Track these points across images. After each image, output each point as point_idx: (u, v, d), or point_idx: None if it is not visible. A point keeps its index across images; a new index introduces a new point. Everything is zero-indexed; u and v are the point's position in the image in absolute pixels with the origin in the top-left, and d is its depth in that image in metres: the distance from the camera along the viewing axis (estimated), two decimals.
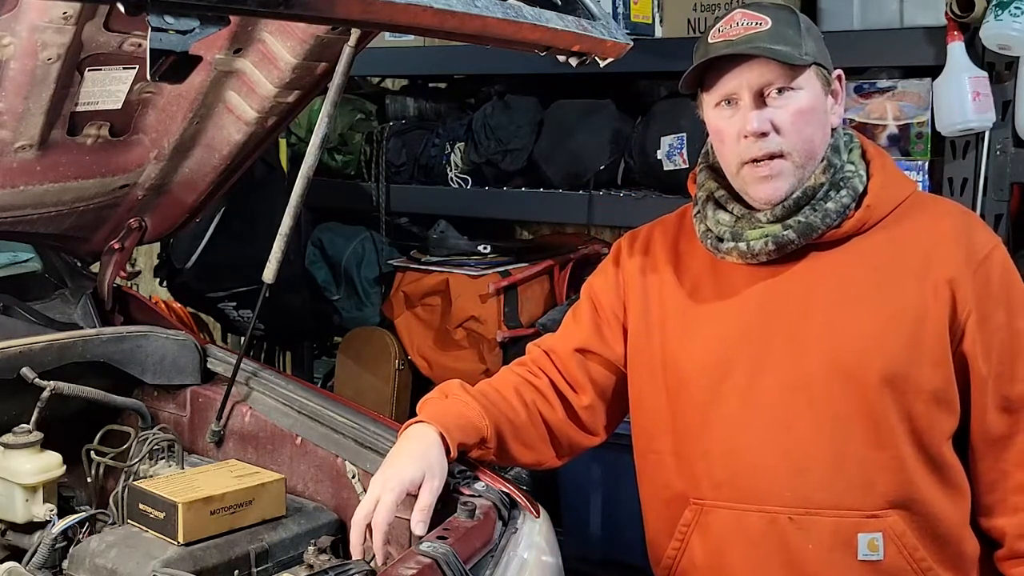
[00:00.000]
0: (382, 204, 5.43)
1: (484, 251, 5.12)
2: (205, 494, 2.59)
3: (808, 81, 2.53)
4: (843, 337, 2.51)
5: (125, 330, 3.25)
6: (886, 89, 4.12)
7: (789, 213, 2.55)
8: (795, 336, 2.55)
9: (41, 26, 2.50)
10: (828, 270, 2.57)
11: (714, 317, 2.65)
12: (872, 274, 2.54)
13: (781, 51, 2.48)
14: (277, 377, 3.22)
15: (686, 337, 2.68)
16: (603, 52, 2.44)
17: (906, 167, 4.01)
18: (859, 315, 2.51)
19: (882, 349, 2.48)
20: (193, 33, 1.60)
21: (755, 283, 2.61)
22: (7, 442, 2.77)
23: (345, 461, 2.92)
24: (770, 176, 2.55)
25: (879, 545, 2.50)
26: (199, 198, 3.39)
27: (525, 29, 2.15)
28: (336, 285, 5.48)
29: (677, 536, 2.71)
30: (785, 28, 2.52)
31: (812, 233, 2.54)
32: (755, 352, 2.58)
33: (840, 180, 2.56)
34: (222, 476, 2.76)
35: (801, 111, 2.52)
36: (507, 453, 2.76)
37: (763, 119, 2.51)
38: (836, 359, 2.50)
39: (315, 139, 2.96)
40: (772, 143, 2.52)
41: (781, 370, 2.54)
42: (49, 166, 2.96)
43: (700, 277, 2.71)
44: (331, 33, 2.84)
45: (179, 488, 2.63)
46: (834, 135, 2.61)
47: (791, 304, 2.57)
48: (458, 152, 5.19)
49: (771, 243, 2.55)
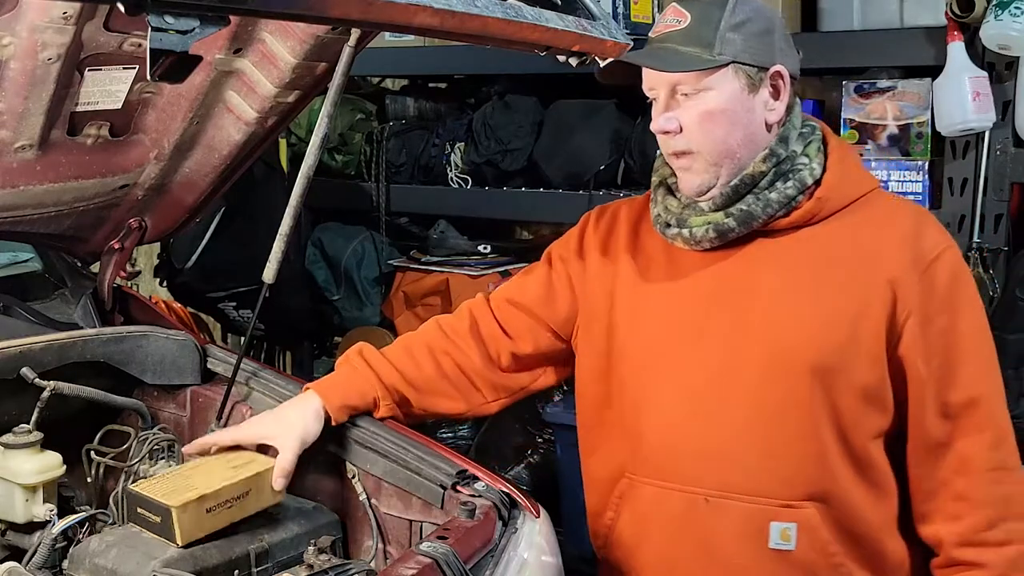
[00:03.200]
0: (382, 204, 5.43)
1: (484, 251, 5.13)
2: (199, 493, 2.57)
3: (721, 81, 2.54)
4: (781, 327, 2.53)
5: (125, 330, 3.25)
6: (886, 89, 4.12)
7: (730, 201, 2.58)
8: (735, 322, 2.58)
9: (41, 26, 2.50)
10: (774, 259, 2.58)
11: (660, 299, 2.69)
12: (817, 267, 2.55)
13: (679, 57, 2.51)
14: (277, 377, 3.22)
15: (632, 316, 2.72)
16: (603, 52, 2.44)
17: (906, 167, 4.02)
18: (799, 306, 2.53)
19: (817, 342, 2.50)
20: (193, 33, 1.60)
21: (703, 268, 2.65)
22: (7, 442, 2.76)
23: (345, 461, 2.92)
24: (683, 169, 2.60)
25: (791, 535, 2.52)
26: (199, 198, 3.39)
27: (525, 29, 2.15)
28: (336, 285, 5.49)
29: (610, 507, 2.76)
30: (703, 27, 2.53)
31: (753, 222, 2.56)
32: (695, 336, 2.61)
33: (788, 171, 2.57)
34: (218, 469, 2.75)
35: (709, 112, 2.54)
36: (421, 407, 2.92)
37: (669, 118, 2.57)
38: (771, 348, 2.52)
39: (315, 139, 2.96)
40: (679, 142, 2.58)
41: (717, 355, 2.57)
42: (49, 166, 2.95)
43: (653, 259, 2.75)
44: (331, 33, 2.84)
45: (174, 488, 2.62)
46: (785, 126, 2.62)
47: (735, 291, 2.60)
48: (458, 152, 5.19)
49: (712, 231, 2.58)
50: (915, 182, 4.03)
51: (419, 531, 2.77)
